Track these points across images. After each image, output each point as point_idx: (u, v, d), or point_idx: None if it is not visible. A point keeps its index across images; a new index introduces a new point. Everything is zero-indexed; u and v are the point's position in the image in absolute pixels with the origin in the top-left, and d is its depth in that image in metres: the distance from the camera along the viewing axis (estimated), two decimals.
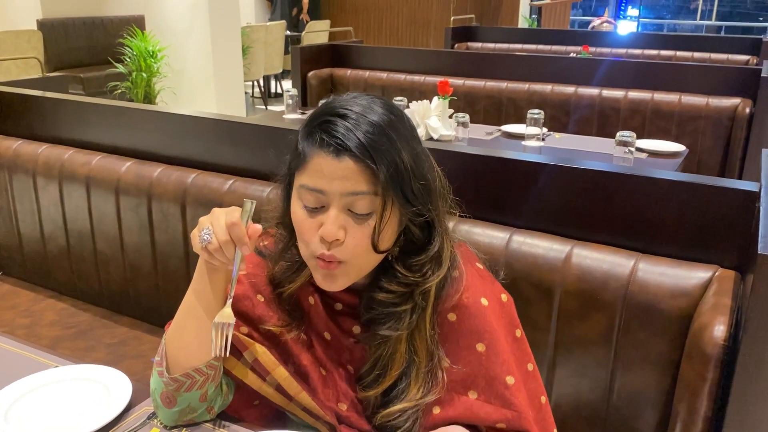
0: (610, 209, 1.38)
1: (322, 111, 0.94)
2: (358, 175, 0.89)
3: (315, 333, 1.06)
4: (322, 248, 0.92)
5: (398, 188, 0.90)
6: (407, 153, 0.92)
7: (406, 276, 0.96)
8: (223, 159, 1.85)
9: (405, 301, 0.97)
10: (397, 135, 0.91)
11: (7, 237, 2.27)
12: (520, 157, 1.49)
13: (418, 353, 0.98)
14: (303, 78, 4.09)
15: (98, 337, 1.91)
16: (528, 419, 0.99)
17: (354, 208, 0.91)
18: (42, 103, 2.20)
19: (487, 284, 1.05)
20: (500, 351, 1.00)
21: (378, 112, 0.92)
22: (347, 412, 1.03)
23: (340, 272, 0.94)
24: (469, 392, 0.99)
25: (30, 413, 1.05)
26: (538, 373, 1.07)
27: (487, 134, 3.17)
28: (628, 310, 1.29)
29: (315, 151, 0.91)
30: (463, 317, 1.00)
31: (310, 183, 0.91)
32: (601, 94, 3.59)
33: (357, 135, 0.88)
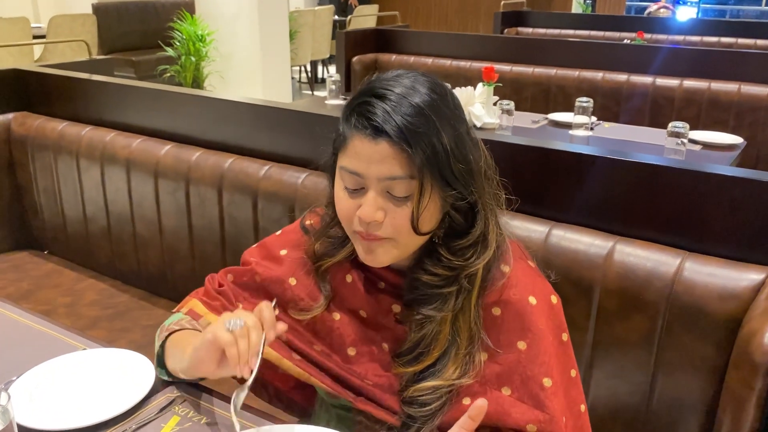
0: (656, 204, 1.31)
1: (363, 91, 0.92)
2: (394, 159, 0.87)
3: (349, 311, 1.05)
4: (360, 228, 0.92)
5: (436, 171, 0.88)
6: (448, 134, 0.89)
7: (450, 260, 0.94)
8: (259, 144, 1.83)
9: (450, 284, 0.95)
10: (439, 116, 0.89)
11: (52, 217, 2.32)
12: (563, 147, 1.42)
13: (461, 334, 0.95)
14: (347, 63, 4.06)
15: (135, 318, 1.94)
16: (560, 425, 0.95)
17: (392, 191, 0.90)
18: (87, 85, 2.22)
19: (538, 283, 1.01)
20: (541, 352, 0.96)
21: (420, 93, 0.89)
22: (372, 387, 1.02)
23: (381, 248, 0.93)
24: (503, 388, 0.96)
25: (54, 395, 1.05)
26: (579, 381, 1.03)
27: (533, 122, 3.09)
28: (672, 311, 1.22)
29: (353, 133, 0.90)
30: (508, 313, 0.97)
31: (349, 165, 0.91)
32: (654, 82, 3.45)
33: (395, 118, 0.87)
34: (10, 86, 2.35)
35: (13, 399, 1.00)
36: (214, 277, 1.18)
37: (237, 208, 1.78)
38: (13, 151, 2.33)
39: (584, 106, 2.83)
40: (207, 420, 1.00)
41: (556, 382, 0.96)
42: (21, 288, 2.08)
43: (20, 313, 1.33)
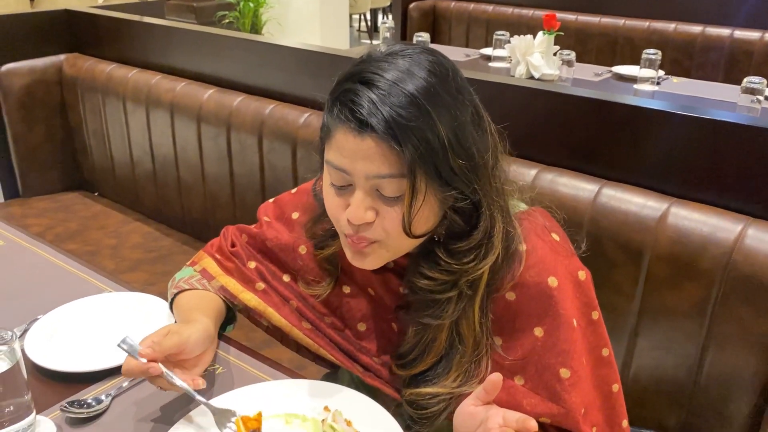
0: (719, 164, 1.20)
1: (350, 74, 0.80)
2: (381, 156, 0.77)
3: (359, 287, 1.00)
4: (349, 229, 0.83)
5: (431, 169, 0.77)
6: (446, 126, 0.78)
7: (448, 263, 0.85)
8: (301, 90, 1.78)
9: (449, 289, 0.86)
10: (436, 105, 0.77)
11: (101, 159, 2.35)
12: (618, 99, 1.31)
13: (464, 341, 0.87)
14: (404, 10, 3.93)
15: (177, 262, 1.94)
16: (577, 418, 0.87)
17: (382, 190, 0.80)
18: (134, 27, 2.21)
19: (561, 260, 0.90)
20: (560, 340, 0.87)
21: (416, 77, 0.77)
22: (380, 366, 0.97)
23: (371, 251, 0.84)
24: (516, 377, 0.88)
25: (72, 337, 1.05)
26: (613, 359, 0.94)
27: (595, 75, 2.93)
28: (729, 281, 1.12)
29: (337, 125, 0.79)
30: (523, 297, 0.88)
31: (334, 160, 0.81)
32: (732, 35, 3.20)
33: (382, 110, 0.75)
34: (62, 27, 2.37)
35: (33, 338, 1.01)
36: (228, 231, 1.14)
37: (276, 156, 1.75)
38: (64, 92, 2.35)
39: (651, 58, 2.65)
40: (223, 369, 0.98)
41: (576, 372, 0.87)
42: (69, 228, 2.12)
43: (54, 253, 1.34)
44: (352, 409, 0.87)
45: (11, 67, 2.26)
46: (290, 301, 1.04)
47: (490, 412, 0.75)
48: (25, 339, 1.02)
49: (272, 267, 1.06)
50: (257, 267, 1.06)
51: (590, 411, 0.89)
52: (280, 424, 0.85)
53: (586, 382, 0.89)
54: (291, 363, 1.14)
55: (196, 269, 1.10)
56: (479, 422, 0.77)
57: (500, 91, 1.42)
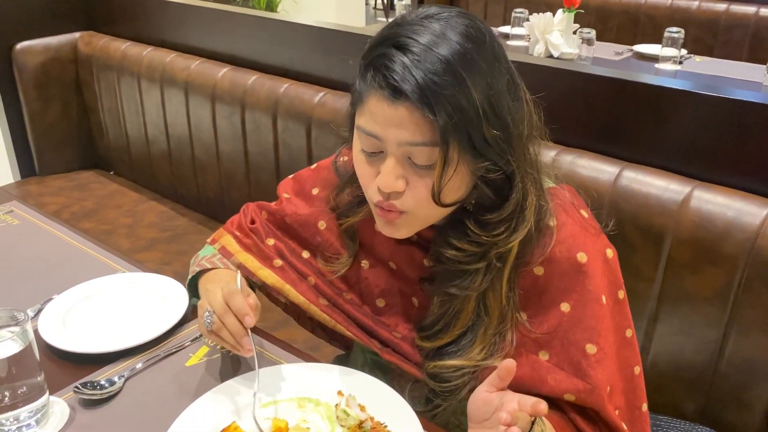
0: (745, 147, 1.17)
1: (384, 37, 0.78)
2: (414, 124, 0.75)
3: (379, 261, 0.98)
4: (379, 196, 0.81)
5: (464, 138, 0.75)
6: (481, 94, 0.75)
7: (478, 235, 0.83)
8: (315, 69, 1.76)
9: (477, 260, 0.84)
10: (471, 71, 0.74)
11: (116, 138, 2.34)
12: (640, 79, 1.28)
13: (490, 313, 0.86)
14: None
15: (191, 242, 1.95)
16: (602, 395, 0.85)
17: (413, 159, 0.78)
18: (150, 5, 2.19)
19: (590, 237, 0.88)
20: (587, 315, 0.85)
21: (451, 42, 0.74)
22: (400, 341, 0.96)
23: (401, 222, 0.83)
24: (540, 352, 0.87)
25: (86, 319, 1.05)
26: (635, 341, 0.92)
27: (615, 54, 2.87)
28: (753, 266, 1.09)
29: (370, 91, 0.77)
30: (552, 272, 0.86)
31: (366, 126, 0.79)
32: (758, 12, 3.12)
33: (416, 76, 0.72)
34: (76, 5, 2.36)
35: (46, 319, 1.01)
36: (248, 208, 1.13)
37: (291, 136, 1.73)
38: (79, 70, 2.34)
39: (674, 37, 2.59)
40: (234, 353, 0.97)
41: (603, 349, 0.85)
42: (85, 207, 2.13)
43: (68, 233, 1.34)
44: (365, 393, 0.86)
45: (26, 45, 2.25)
46: (308, 278, 1.03)
47: (504, 398, 0.74)
48: (38, 319, 1.02)
49: (291, 244, 1.05)
50: (276, 244, 1.06)
51: (614, 392, 0.88)
52: (293, 408, 0.84)
53: (612, 361, 0.87)
54: (305, 344, 1.13)
55: (216, 247, 1.09)
56: (494, 408, 0.75)
57: (519, 70, 1.38)
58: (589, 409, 0.87)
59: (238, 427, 0.80)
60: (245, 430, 0.80)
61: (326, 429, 0.81)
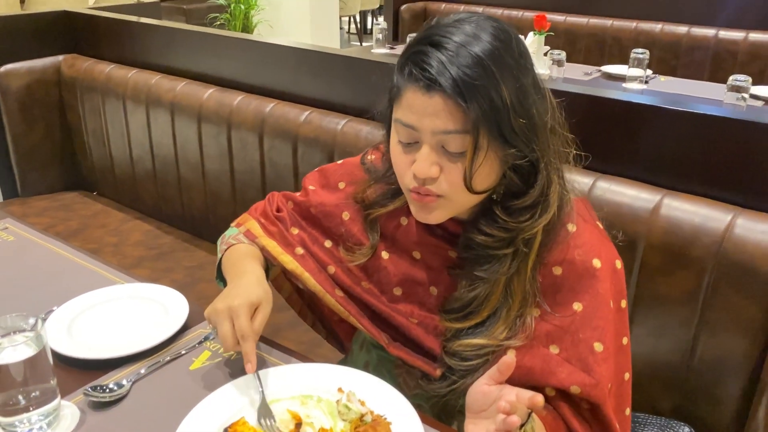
0: (709, 157, 1.25)
1: (421, 38, 0.87)
2: (448, 113, 0.83)
3: (402, 251, 1.03)
4: (415, 183, 0.88)
5: (494, 127, 0.83)
6: (509, 87, 0.83)
7: (505, 221, 0.90)
8: (301, 89, 1.82)
9: (506, 246, 0.91)
10: (500, 66, 0.82)
11: (100, 159, 2.37)
12: (611, 95, 1.36)
13: (513, 296, 0.93)
14: (395, 11, 3.98)
15: (178, 259, 1.98)
16: (604, 391, 0.92)
17: (446, 146, 0.85)
18: (133, 28, 2.23)
19: (604, 246, 0.97)
20: (597, 316, 0.92)
21: (482, 41, 0.83)
22: (416, 326, 1.01)
23: (436, 206, 0.90)
24: (551, 346, 0.93)
25: (90, 328, 1.08)
26: (629, 349, 0.99)
27: (585, 74, 2.99)
28: (720, 268, 1.17)
29: (407, 85, 0.86)
30: (569, 273, 0.93)
31: (403, 118, 0.87)
32: (717, 35, 3.28)
33: (450, 70, 0.81)
34: (60, 28, 2.39)
35: (51, 328, 1.04)
36: (274, 197, 1.18)
37: (277, 153, 1.78)
38: (63, 92, 2.37)
39: (639, 57, 2.71)
40: (237, 356, 1.02)
41: (608, 348, 0.92)
42: (70, 227, 2.14)
43: (64, 247, 1.37)
44: (365, 389, 0.90)
45: (10, 68, 2.28)
46: (328, 267, 1.08)
47: (503, 391, 0.80)
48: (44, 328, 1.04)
49: (315, 233, 1.10)
50: (299, 234, 1.11)
51: (609, 392, 0.93)
52: (296, 405, 0.89)
53: (613, 362, 0.93)
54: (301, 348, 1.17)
55: (240, 230, 1.15)
56: (492, 400, 0.81)
57: None
58: (584, 410, 0.93)
59: (247, 423, 0.84)
60: (254, 425, 0.84)
61: (329, 423, 0.85)
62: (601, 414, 0.92)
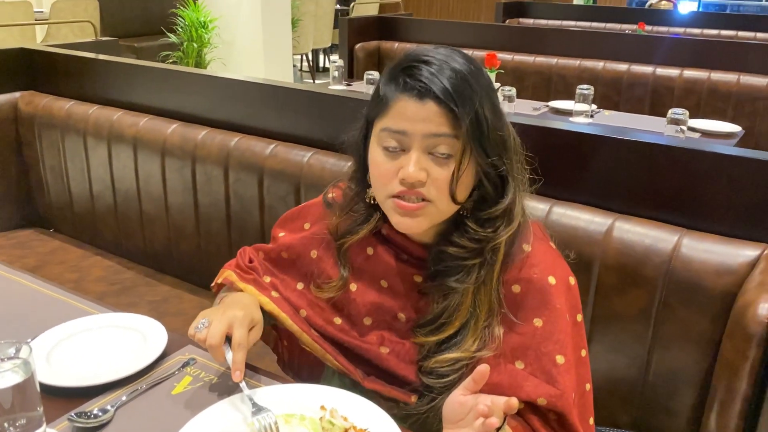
0: (655, 183, 1.34)
1: (404, 58, 0.96)
2: (440, 118, 0.91)
3: (369, 281, 1.08)
4: (401, 188, 0.94)
5: (477, 137, 0.92)
6: (487, 102, 0.93)
7: (477, 231, 0.97)
8: (266, 123, 1.86)
9: (475, 256, 0.98)
10: (478, 85, 0.93)
11: (58, 195, 2.34)
12: (564, 126, 1.45)
13: (481, 307, 0.98)
14: (350, 50, 4.08)
15: (141, 294, 1.97)
16: (570, 401, 0.97)
17: (435, 150, 0.92)
18: (94, 65, 2.25)
19: (558, 264, 1.04)
20: (557, 330, 0.98)
21: (459, 62, 0.93)
22: (388, 355, 1.05)
23: (421, 212, 0.95)
24: (516, 362, 0.98)
25: (69, 357, 1.09)
26: (588, 361, 1.06)
27: (534, 110, 3.12)
28: (670, 286, 1.25)
29: (398, 95, 0.93)
30: (528, 291, 0.99)
31: (393, 125, 0.93)
32: (655, 72, 3.48)
33: (441, 79, 0.90)
34: (17, 65, 2.37)
35: None
36: (245, 251, 1.23)
37: (243, 186, 1.81)
38: (19, 129, 2.35)
39: (585, 93, 2.86)
40: (218, 380, 1.03)
41: (569, 360, 0.99)
42: (27, 264, 2.11)
43: (32, 280, 1.36)
44: (346, 406, 0.94)
45: None
46: (300, 311, 1.12)
47: (479, 398, 0.84)
48: None
49: (287, 278, 1.15)
50: (272, 281, 1.16)
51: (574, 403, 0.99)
52: (281, 424, 0.91)
53: (575, 373, 0.99)
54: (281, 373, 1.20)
55: (219, 280, 1.20)
56: (469, 409, 0.85)
57: None
58: (552, 421, 0.98)
59: None
60: None
61: None
62: (568, 423, 0.97)
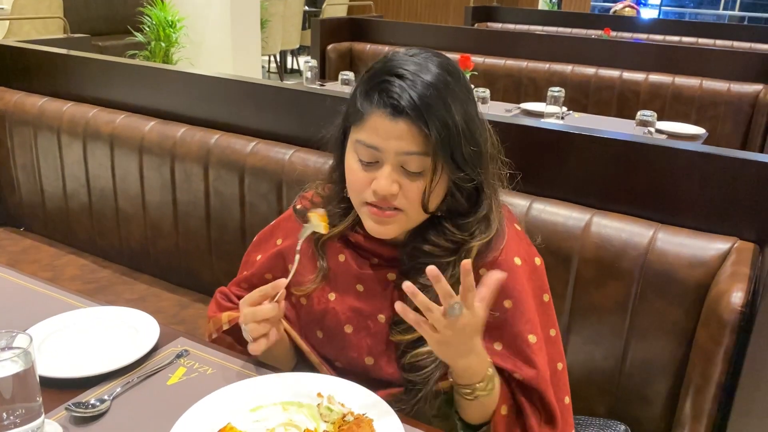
0: (631, 180, 1.39)
1: (380, 69, 0.96)
2: (411, 136, 0.92)
3: (346, 288, 1.09)
4: (373, 198, 0.96)
5: (448, 152, 0.93)
6: (460, 116, 0.94)
7: (455, 233, 1.00)
8: (246, 121, 1.86)
9: (450, 254, 1.00)
10: (452, 97, 0.93)
11: (30, 194, 2.31)
12: (541, 125, 1.49)
13: None
14: (322, 51, 4.09)
15: (118, 292, 1.95)
16: (546, 380, 1.01)
17: (407, 166, 0.94)
18: (67, 61, 2.22)
19: (523, 245, 1.07)
20: (526, 310, 1.02)
21: (433, 72, 0.93)
22: (374, 365, 1.06)
23: (393, 220, 0.97)
24: (495, 343, 1.02)
25: (60, 349, 1.08)
26: (560, 340, 1.09)
27: (506, 111, 3.17)
28: (645, 279, 1.30)
29: (373, 110, 0.94)
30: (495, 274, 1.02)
31: (367, 140, 0.95)
32: (621, 76, 3.57)
33: (412, 96, 0.91)
34: None
35: None
36: (224, 291, 1.22)
37: (223, 184, 1.81)
38: None
39: (556, 95, 2.92)
40: (212, 371, 1.04)
41: (540, 339, 1.02)
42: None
43: (16, 275, 1.34)
44: (343, 392, 0.96)
45: None
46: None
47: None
48: None
49: None
50: None
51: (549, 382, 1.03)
52: (279, 411, 0.92)
53: (546, 352, 1.03)
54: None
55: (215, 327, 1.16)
56: None
57: None
58: (536, 399, 1.01)
59: (234, 428, 0.87)
60: (240, 430, 0.87)
61: (312, 426, 0.90)
62: (546, 401, 1.01)
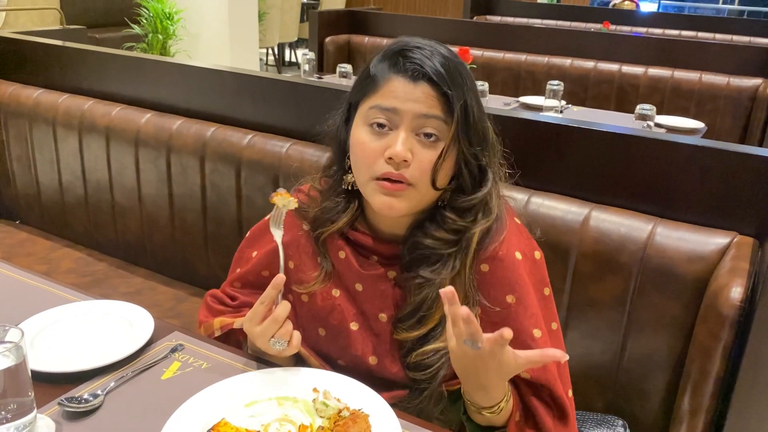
0: (630, 174, 1.38)
1: (395, 43, 0.98)
2: (432, 100, 0.93)
3: (345, 288, 1.08)
4: (387, 168, 0.94)
5: (464, 124, 0.94)
6: (472, 93, 0.96)
7: (455, 220, 0.99)
8: (243, 114, 1.85)
9: (450, 246, 0.99)
10: (465, 74, 0.96)
11: (25, 186, 2.29)
12: (541, 118, 1.48)
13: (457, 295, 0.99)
14: (320, 43, 4.07)
15: (114, 285, 1.94)
16: (553, 374, 1.00)
17: (423, 130, 0.94)
18: (63, 53, 2.20)
19: (524, 239, 1.06)
20: (529, 304, 1.01)
21: (445, 51, 0.97)
22: (378, 365, 1.05)
23: (403, 195, 0.96)
24: None
25: (53, 343, 1.07)
26: (560, 333, 1.08)
27: (505, 105, 3.16)
28: (644, 273, 1.29)
29: (391, 74, 0.95)
30: (496, 269, 1.01)
31: (384, 103, 0.95)
32: (620, 69, 3.56)
33: (434, 62, 0.93)
34: None
35: None
36: (216, 294, 1.20)
37: (220, 177, 1.80)
38: None
39: (555, 89, 2.91)
40: (207, 365, 1.03)
41: (545, 333, 1.01)
42: None
43: (11, 269, 1.33)
44: (338, 387, 0.95)
45: None
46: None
47: None
48: None
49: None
50: None
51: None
52: (274, 407, 0.92)
53: (549, 345, 1.02)
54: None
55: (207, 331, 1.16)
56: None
57: None
58: (545, 395, 1.00)
59: (228, 423, 0.86)
60: (235, 425, 0.87)
61: (308, 421, 0.89)
62: (555, 395, 1.00)
